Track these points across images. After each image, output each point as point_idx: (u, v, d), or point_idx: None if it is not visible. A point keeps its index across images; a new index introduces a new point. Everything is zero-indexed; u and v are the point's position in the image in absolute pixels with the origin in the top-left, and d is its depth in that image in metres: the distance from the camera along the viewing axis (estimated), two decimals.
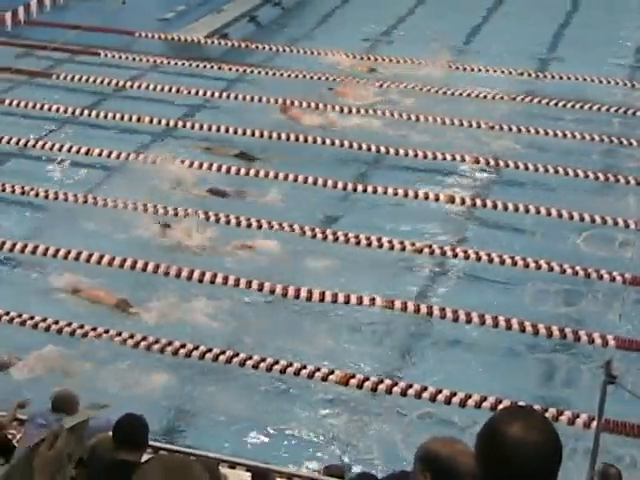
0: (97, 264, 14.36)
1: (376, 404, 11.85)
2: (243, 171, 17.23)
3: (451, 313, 13.33)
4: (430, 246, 15.06)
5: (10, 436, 9.29)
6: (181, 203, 16.03)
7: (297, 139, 18.60)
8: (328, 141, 18.43)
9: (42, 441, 3.97)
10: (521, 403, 10.81)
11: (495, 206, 16.44)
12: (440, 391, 11.70)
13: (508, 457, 3.11)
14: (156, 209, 15.79)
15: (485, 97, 21.03)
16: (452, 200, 16.66)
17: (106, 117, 19.59)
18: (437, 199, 16.64)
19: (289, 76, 21.94)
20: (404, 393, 11.76)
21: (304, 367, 12.14)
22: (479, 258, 14.80)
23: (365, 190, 16.84)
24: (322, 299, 13.69)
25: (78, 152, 17.91)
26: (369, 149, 18.34)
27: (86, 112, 19.82)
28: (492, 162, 17.99)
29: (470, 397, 11.59)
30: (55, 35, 23.55)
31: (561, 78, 22.16)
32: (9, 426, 9.27)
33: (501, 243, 15.49)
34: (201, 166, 17.36)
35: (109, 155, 17.78)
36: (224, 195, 16.53)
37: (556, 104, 20.60)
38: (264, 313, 13.67)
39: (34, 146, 18.26)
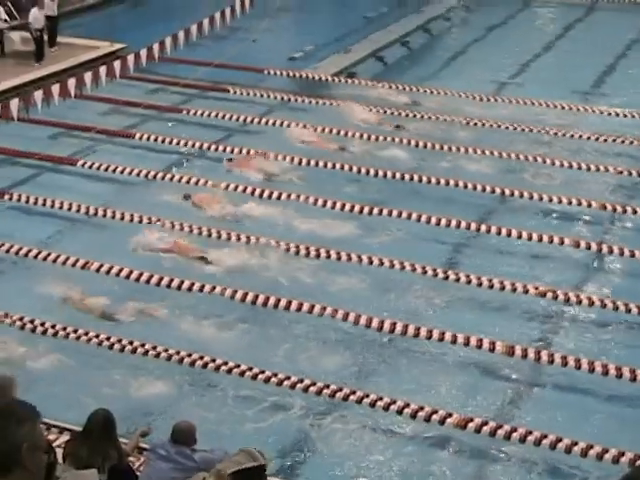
0: (221, 293, 14.53)
1: (495, 449, 11.66)
2: (367, 209, 17.28)
3: (573, 361, 13.04)
4: (554, 291, 14.80)
5: (131, 464, 9.44)
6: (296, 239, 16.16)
7: (420, 179, 18.58)
8: (452, 182, 18.36)
9: None
10: None
11: (622, 252, 16.09)
12: (560, 439, 11.43)
13: None
14: (278, 244, 15.96)
15: (614, 141, 20.68)
16: (577, 244, 16.37)
17: (232, 152, 19.92)
18: (561, 243, 16.38)
19: (414, 116, 21.99)
20: (523, 440, 11.53)
21: (421, 408, 12.02)
22: (604, 305, 14.48)
23: (489, 231, 16.71)
24: (441, 339, 13.57)
25: (206, 184, 18.24)
26: (493, 191, 18.20)
27: (213, 147, 20.20)
28: (619, 207, 17.65)
29: (592, 447, 11.28)
30: (187, 71, 24.18)
31: None
32: (131, 454, 9.43)
33: (628, 290, 15.15)
34: (324, 203, 17.50)
35: (235, 189, 18.05)
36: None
37: None
38: (383, 351, 13.63)
39: (163, 178, 18.65)
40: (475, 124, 21.54)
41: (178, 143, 20.32)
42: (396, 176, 18.76)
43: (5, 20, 25.60)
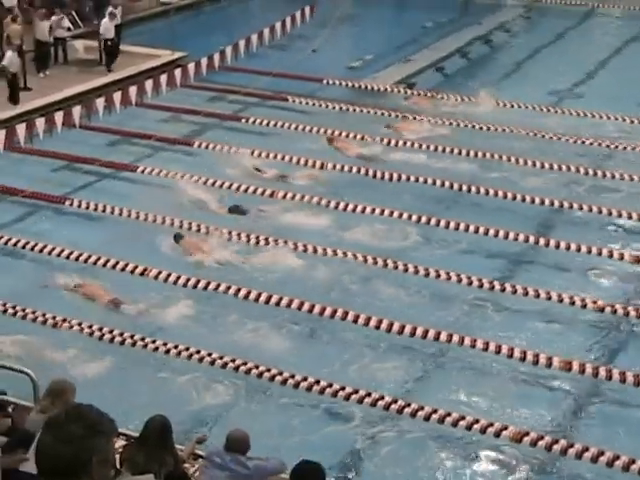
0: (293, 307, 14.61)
1: (550, 464, 11.54)
2: (424, 219, 17.25)
3: (632, 376, 12.87)
4: (612, 306, 14.63)
5: (186, 470, 9.49)
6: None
7: (478, 191, 18.49)
8: (510, 194, 18.24)
9: None
10: None
11: None
12: (617, 457, 11.28)
13: None
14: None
15: None
16: (638, 260, 16.17)
17: (291, 161, 19.96)
18: (621, 258, 16.19)
19: (472, 127, 21.91)
20: (579, 456, 11.39)
21: (476, 421, 11.94)
22: None
23: (547, 244, 16.58)
24: (498, 352, 13.47)
25: (263, 194, 18.32)
26: (551, 203, 18.06)
27: (271, 155, 20.24)
28: None
29: None
30: (247, 80, 24.32)
31: None
32: (187, 460, 9.49)
33: None
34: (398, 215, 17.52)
35: (293, 197, 18.11)
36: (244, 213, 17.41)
37: None
38: (438, 363, 13.57)
39: (221, 186, 18.71)
40: (534, 135, 21.40)
41: (230, 149, 20.40)
42: (453, 187, 18.70)
43: (68, 29, 25.94)
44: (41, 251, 16.21)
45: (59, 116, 21.26)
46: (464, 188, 18.66)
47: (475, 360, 13.50)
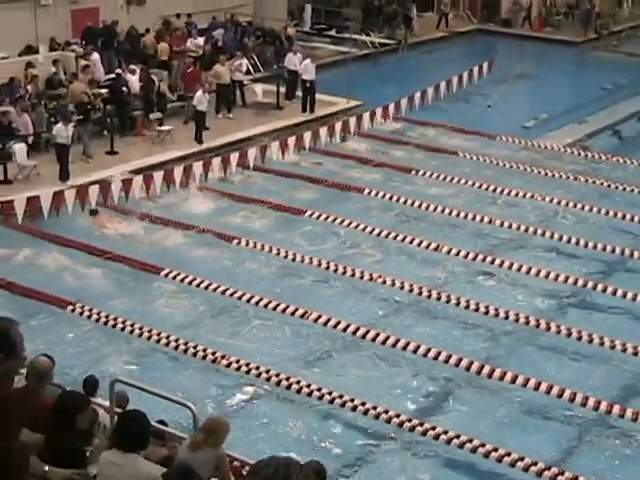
0: None
1: None
2: (590, 285, 16.93)
3: None
4: None
5: None
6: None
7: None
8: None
9: None
10: None
11: None
12: None
13: None
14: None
15: None
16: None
17: (460, 216, 19.93)
18: None
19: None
20: None
21: None
22: None
23: None
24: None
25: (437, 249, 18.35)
26: None
27: (432, 207, 20.23)
28: None
29: None
30: (419, 132, 24.41)
31: None
32: None
33: None
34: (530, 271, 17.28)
35: (458, 254, 18.12)
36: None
37: None
38: (586, 429, 13.15)
39: (378, 234, 18.81)
40: None
41: (398, 200, 20.51)
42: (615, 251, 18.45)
43: (247, 72, 26.62)
44: (206, 288, 16.60)
45: (234, 156, 21.81)
46: (626, 252, 18.42)
47: (625, 429, 13.00)
